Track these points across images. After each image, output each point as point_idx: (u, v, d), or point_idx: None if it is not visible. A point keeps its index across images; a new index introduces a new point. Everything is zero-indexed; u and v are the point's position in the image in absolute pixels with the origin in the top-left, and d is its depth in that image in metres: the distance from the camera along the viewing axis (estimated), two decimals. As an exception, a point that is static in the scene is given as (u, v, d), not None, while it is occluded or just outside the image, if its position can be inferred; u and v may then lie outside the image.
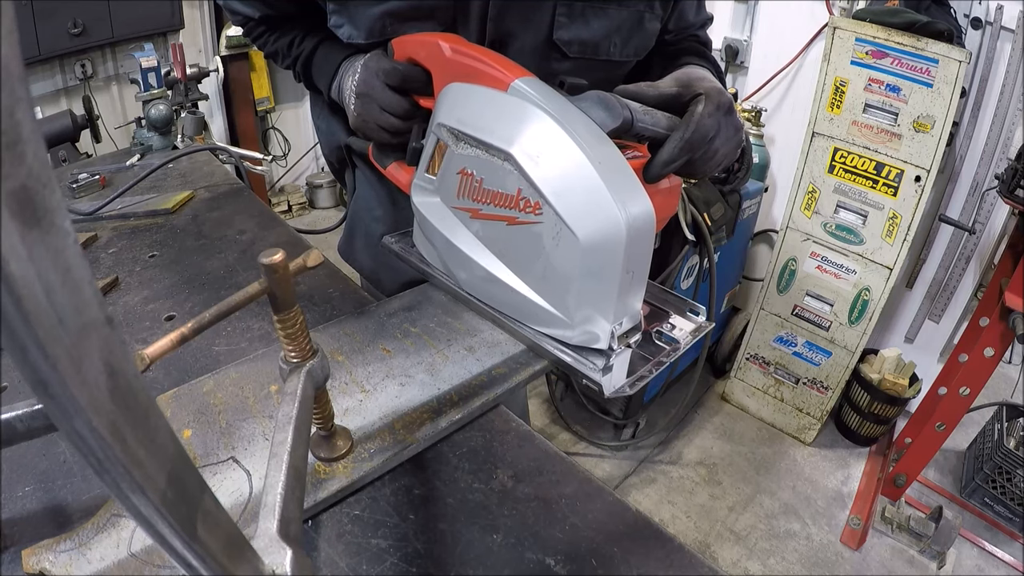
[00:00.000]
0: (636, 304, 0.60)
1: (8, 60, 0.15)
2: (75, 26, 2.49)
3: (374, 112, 0.76)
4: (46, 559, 0.48)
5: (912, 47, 1.78)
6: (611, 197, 0.54)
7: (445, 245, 0.70)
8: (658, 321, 0.70)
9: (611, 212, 0.54)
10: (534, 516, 0.57)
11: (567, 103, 0.59)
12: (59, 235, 0.18)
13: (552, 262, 0.59)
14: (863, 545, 2.00)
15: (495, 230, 0.63)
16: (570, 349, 0.63)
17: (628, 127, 0.58)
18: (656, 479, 2.22)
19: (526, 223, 0.59)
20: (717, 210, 1.91)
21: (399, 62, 0.75)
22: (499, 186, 0.60)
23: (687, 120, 0.60)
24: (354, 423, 0.63)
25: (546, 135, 0.57)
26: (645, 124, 0.59)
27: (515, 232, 0.61)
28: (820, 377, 2.31)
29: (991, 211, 2.15)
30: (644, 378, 0.64)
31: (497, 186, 0.61)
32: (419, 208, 0.73)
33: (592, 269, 0.56)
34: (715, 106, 0.61)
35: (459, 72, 0.67)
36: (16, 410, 0.47)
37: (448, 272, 0.73)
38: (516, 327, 0.69)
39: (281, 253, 0.45)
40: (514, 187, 0.59)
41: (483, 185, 0.62)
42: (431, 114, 0.71)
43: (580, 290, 0.58)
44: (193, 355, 0.77)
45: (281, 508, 0.39)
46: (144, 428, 0.22)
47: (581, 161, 0.54)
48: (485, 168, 0.62)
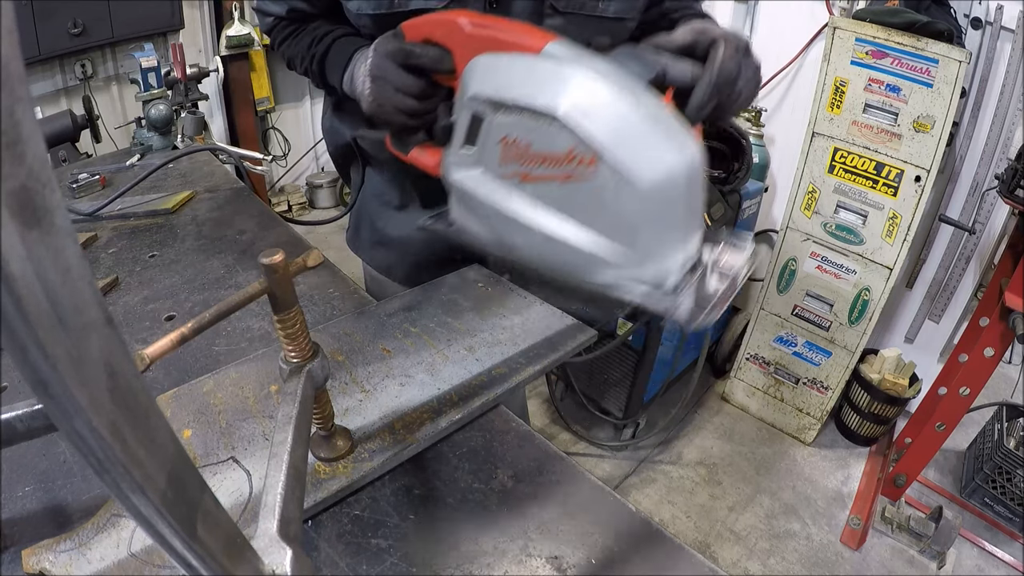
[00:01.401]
0: (696, 241, 0.62)
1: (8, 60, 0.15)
2: (75, 26, 2.49)
3: (389, 94, 0.77)
4: (46, 559, 0.48)
5: (912, 47, 1.78)
6: (665, 141, 0.56)
7: (496, 215, 0.70)
8: (711, 256, 0.72)
9: (667, 155, 0.56)
10: (534, 516, 0.57)
11: (603, 59, 0.61)
12: (59, 235, 0.18)
13: (614, 211, 0.60)
14: (863, 545, 2.00)
15: (549, 190, 0.64)
16: (639, 293, 0.65)
17: (662, 77, 0.61)
18: (656, 479, 2.22)
19: (582, 179, 0.60)
20: (717, 210, 1.91)
21: (412, 42, 0.75)
22: (548, 147, 0.61)
23: (710, 65, 0.63)
24: (354, 423, 0.63)
25: (592, 90, 0.58)
26: (676, 73, 0.62)
27: (572, 189, 0.62)
28: (820, 377, 2.31)
29: (991, 211, 2.15)
30: (718, 307, 0.65)
31: (546, 148, 0.62)
32: (460, 183, 0.73)
33: (654, 212, 0.58)
34: (734, 48, 0.64)
35: (483, 45, 0.68)
36: (16, 410, 0.47)
37: (501, 241, 0.73)
38: (582, 283, 0.69)
39: (281, 253, 0.45)
40: (565, 146, 0.60)
41: (531, 149, 0.63)
42: (452, 92, 0.72)
43: (645, 234, 0.60)
44: (193, 355, 0.77)
45: (281, 508, 0.39)
46: (144, 428, 0.22)
47: (630, 110, 0.57)
48: (531, 132, 0.62)
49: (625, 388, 2.20)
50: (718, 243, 0.71)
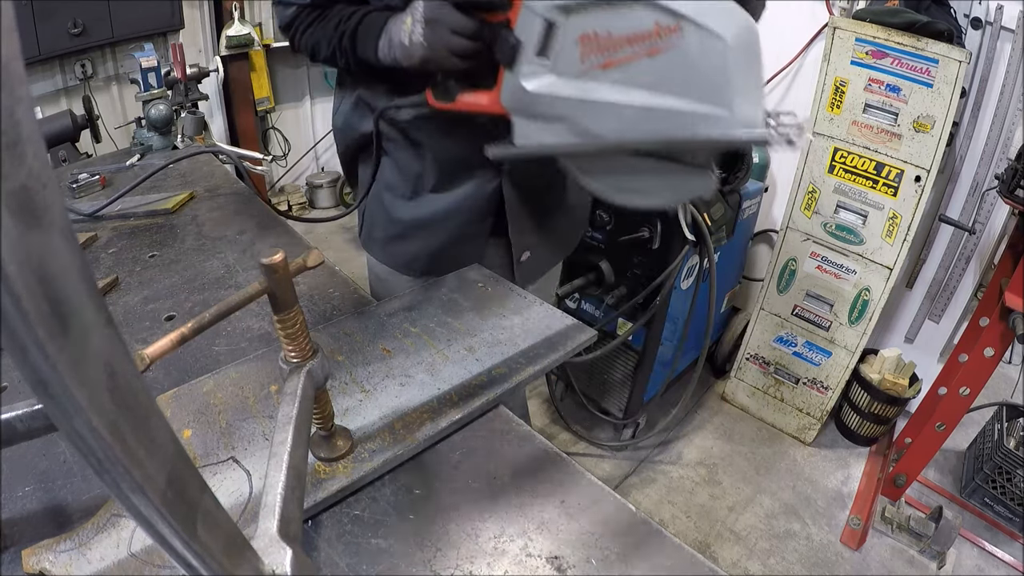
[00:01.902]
0: (764, 91, 0.70)
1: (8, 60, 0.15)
2: (75, 26, 2.49)
3: (445, 36, 0.79)
4: (46, 559, 0.48)
5: (912, 47, 1.78)
6: (731, 5, 0.65)
7: (581, 109, 0.74)
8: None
9: (738, 13, 0.65)
10: (534, 516, 0.57)
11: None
12: (59, 235, 0.18)
13: (703, 69, 0.66)
14: (863, 545, 2.00)
15: (637, 68, 0.69)
16: (736, 134, 0.69)
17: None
18: (656, 479, 2.22)
19: (668, 47, 0.66)
20: (717, 210, 1.90)
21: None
22: (632, 28, 0.67)
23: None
24: (354, 423, 0.63)
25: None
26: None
27: (659, 59, 0.68)
28: (820, 377, 2.31)
29: (991, 211, 2.15)
30: (794, 141, 0.71)
31: (629, 29, 0.68)
32: (538, 92, 0.76)
33: (739, 63, 0.65)
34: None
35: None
36: (16, 410, 0.47)
37: (586, 132, 0.76)
38: (683, 143, 0.72)
39: (281, 253, 0.45)
40: (650, 21, 0.66)
41: (612, 35, 0.69)
42: (498, 29, 0.77)
43: (733, 85, 0.65)
44: (193, 355, 0.77)
45: (281, 508, 0.39)
46: (144, 428, 0.22)
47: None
48: (610, 21, 0.69)
49: (625, 388, 2.20)
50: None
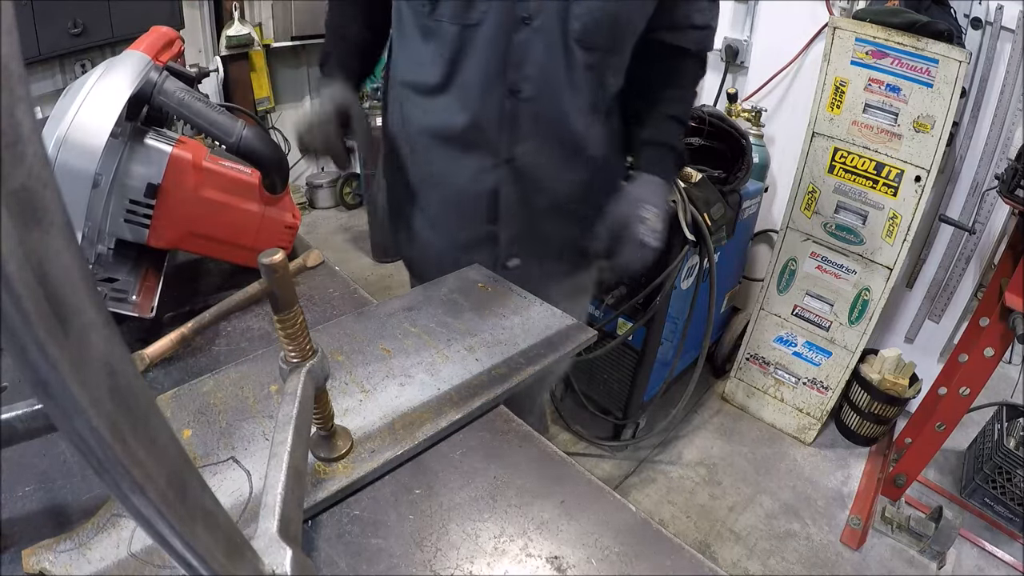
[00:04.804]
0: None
1: (8, 60, 0.15)
2: (75, 26, 2.49)
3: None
4: (46, 559, 0.48)
5: (912, 47, 1.78)
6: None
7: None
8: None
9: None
10: (534, 516, 0.57)
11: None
12: (59, 235, 0.18)
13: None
14: (863, 545, 2.00)
15: None
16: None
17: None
18: (656, 479, 2.22)
19: None
20: (717, 210, 1.90)
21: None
22: None
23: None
24: (354, 423, 0.63)
25: None
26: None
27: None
28: (820, 377, 2.31)
29: (991, 211, 2.15)
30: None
31: None
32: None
33: None
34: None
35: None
36: (16, 410, 0.47)
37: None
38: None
39: (281, 253, 0.45)
40: None
41: None
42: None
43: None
44: (193, 355, 0.77)
45: (281, 508, 0.39)
46: (144, 428, 0.22)
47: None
48: None
49: (625, 388, 2.20)
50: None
